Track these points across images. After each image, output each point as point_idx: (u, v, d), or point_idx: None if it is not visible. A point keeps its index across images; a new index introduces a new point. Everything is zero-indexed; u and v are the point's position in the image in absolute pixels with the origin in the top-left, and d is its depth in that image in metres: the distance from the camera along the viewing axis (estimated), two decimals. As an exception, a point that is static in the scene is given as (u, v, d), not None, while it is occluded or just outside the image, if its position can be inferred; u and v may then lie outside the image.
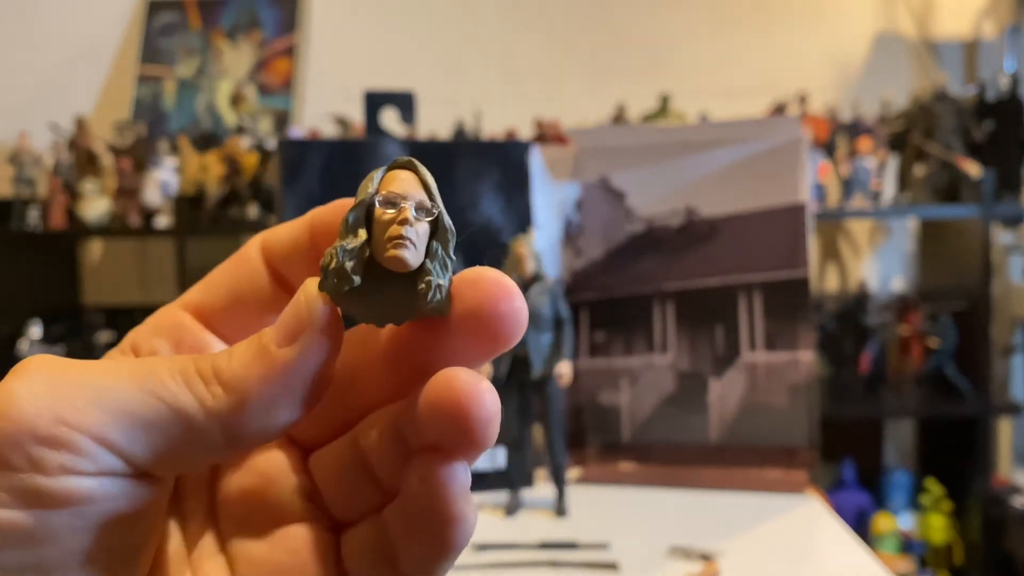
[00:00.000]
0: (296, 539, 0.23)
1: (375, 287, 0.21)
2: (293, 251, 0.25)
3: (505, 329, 0.21)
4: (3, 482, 0.19)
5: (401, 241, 0.20)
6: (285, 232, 0.25)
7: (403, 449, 0.21)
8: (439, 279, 0.21)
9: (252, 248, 0.26)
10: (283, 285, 0.25)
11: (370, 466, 0.22)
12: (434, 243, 0.21)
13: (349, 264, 0.20)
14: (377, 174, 0.21)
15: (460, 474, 0.20)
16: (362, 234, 0.21)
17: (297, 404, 0.21)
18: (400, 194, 0.21)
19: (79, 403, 0.19)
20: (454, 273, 0.21)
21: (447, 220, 0.21)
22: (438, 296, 0.21)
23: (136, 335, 0.26)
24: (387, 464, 0.22)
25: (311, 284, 0.21)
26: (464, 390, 0.20)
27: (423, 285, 0.21)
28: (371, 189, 0.21)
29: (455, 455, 0.20)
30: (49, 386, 0.19)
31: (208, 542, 0.23)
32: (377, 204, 0.21)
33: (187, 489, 0.24)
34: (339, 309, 0.21)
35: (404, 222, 0.20)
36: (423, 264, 0.21)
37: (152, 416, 0.20)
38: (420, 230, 0.21)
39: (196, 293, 0.26)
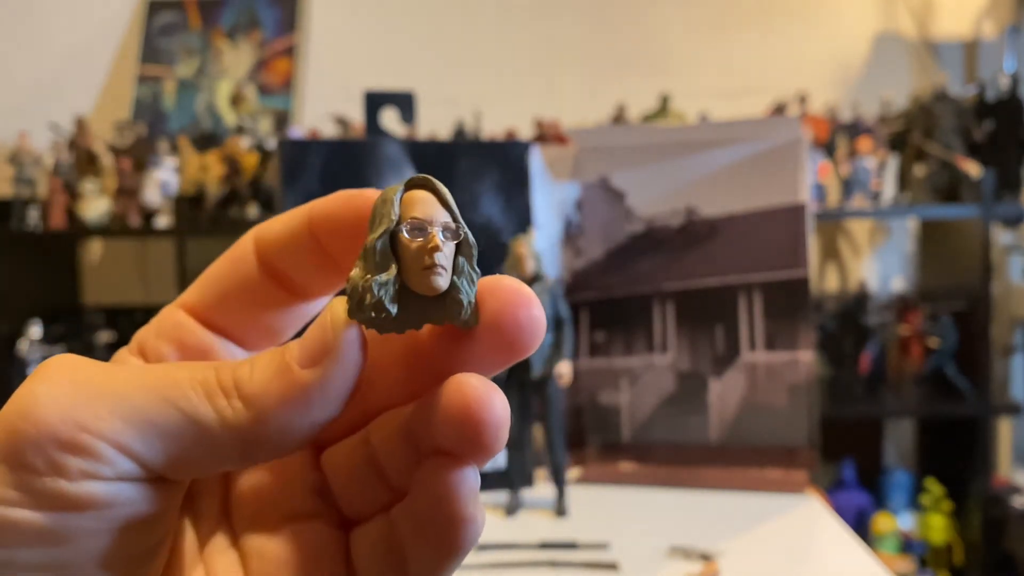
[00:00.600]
0: (306, 536, 0.23)
1: (405, 309, 0.21)
2: (291, 245, 0.25)
3: (524, 337, 0.21)
4: (24, 484, 0.19)
5: (433, 270, 0.20)
6: (281, 226, 0.25)
7: (414, 450, 0.22)
8: (468, 296, 0.21)
9: (246, 243, 0.26)
10: (276, 278, 0.25)
11: (381, 465, 0.23)
12: (459, 259, 0.21)
13: (385, 297, 0.20)
14: (395, 196, 0.21)
15: (469, 478, 0.21)
16: (393, 267, 0.21)
17: (315, 423, 0.21)
18: (426, 219, 0.21)
19: (100, 410, 0.20)
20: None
21: (470, 236, 0.21)
22: (468, 311, 0.21)
23: (142, 336, 0.26)
24: (397, 464, 0.22)
25: (339, 308, 0.21)
26: (474, 396, 0.20)
27: (454, 305, 0.21)
28: (393, 214, 0.21)
29: (464, 460, 0.21)
30: (72, 391, 0.20)
31: (221, 537, 0.23)
32: (404, 233, 0.21)
33: (201, 485, 0.24)
34: (365, 330, 0.21)
35: (435, 250, 0.20)
36: (451, 282, 0.21)
37: (170, 426, 0.20)
38: (448, 252, 0.21)
39: (192, 291, 0.26)
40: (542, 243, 0.94)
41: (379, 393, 0.23)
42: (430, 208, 0.21)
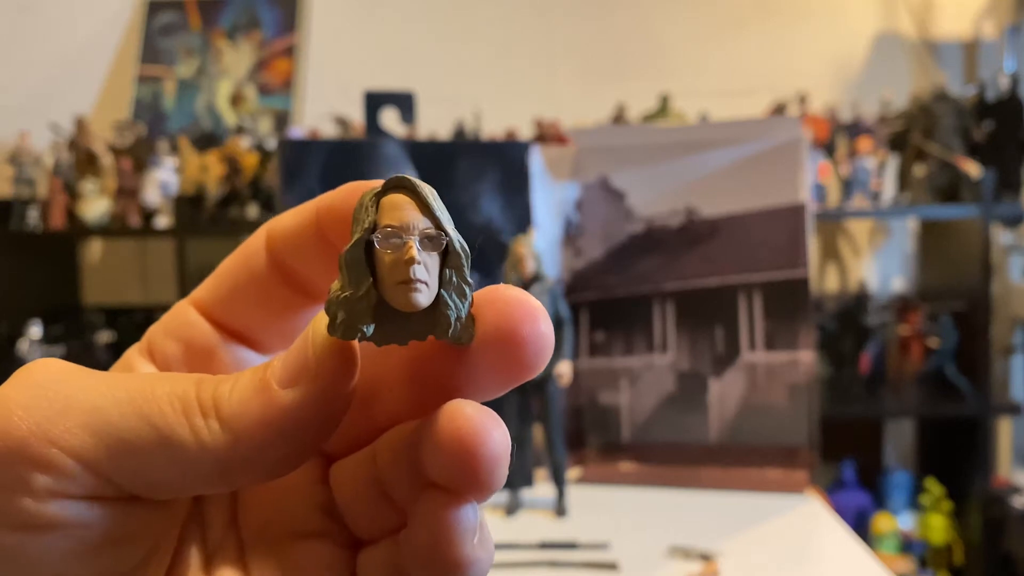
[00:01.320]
0: (310, 555, 0.22)
1: (389, 324, 0.19)
2: (300, 239, 0.23)
3: (528, 355, 0.19)
4: None
5: (409, 285, 0.18)
6: (290, 220, 0.23)
7: (416, 474, 0.20)
8: (457, 311, 0.19)
9: (259, 238, 0.24)
10: (286, 275, 0.24)
11: (387, 487, 0.21)
12: (447, 271, 0.19)
13: (357, 315, 0.19)
14: (370, 200, 0.19)
15: (468, 516, 0.19)
16: (366, 281, 0.19)
17: (297, 449, 0.19)
18: (400, 227, 0.18)
19: (71, 424, 0.18)
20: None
21: (458, 243, 0.19)
22: (458, 327, 0.19)
23: (152, 334, 0.25)
24: (402, 488, 0.21)
25: (320, 324, 0.19)
26: (469, 428, 0.18)
27: (441, 321, 0.19)
28: (367, 222, 0.19)
29: (462, 497, 0.19)
30: (46, 401, 0.19)
31: (228, 549, 0.22)
32: (376, 244, 0.18)
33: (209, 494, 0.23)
34: (354, 345, 0.19)
35: (410, 262, 0.18)
36: (438, 295, 0.19)
37: (144, 444, 0.19)
38: (429, 263, 0.19)
39: (205, 286, 0.25)
40: (542, 243, 0.94)
41: (386, 405, 0.22)
42: (406, 214, 0.18)
